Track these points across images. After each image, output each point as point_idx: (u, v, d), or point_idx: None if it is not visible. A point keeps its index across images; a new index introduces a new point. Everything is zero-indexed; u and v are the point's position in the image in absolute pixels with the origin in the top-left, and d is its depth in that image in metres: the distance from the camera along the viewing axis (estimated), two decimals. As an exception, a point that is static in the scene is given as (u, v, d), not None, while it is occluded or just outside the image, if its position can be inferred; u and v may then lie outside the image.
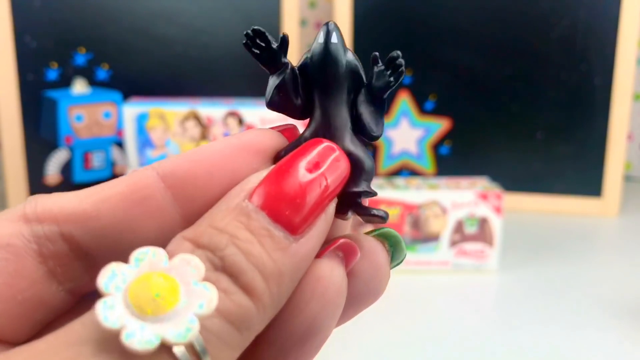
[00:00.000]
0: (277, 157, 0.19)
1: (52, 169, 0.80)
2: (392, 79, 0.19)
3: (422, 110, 0.91)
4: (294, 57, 0.85)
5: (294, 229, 0.17)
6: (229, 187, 0.18)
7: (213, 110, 0.66)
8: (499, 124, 0.90)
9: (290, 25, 0.86)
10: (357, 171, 0.19)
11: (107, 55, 0.81)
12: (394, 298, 0.62)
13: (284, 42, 0.20)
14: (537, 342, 0.53)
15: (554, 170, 0.89)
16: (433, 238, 0.66)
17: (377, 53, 0.20)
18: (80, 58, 0.80)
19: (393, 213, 0.65)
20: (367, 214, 0.20)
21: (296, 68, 0.20)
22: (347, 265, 0.19)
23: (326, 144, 0.18)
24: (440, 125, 0.91)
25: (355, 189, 0.19)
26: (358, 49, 0.90)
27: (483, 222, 0.65)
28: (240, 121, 0.66)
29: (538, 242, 0.77)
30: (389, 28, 0.90)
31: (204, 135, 0.66)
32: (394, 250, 0.20)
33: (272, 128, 0.20)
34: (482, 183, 0.68)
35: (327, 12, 1.05)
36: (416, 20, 0.89)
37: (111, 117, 0.82)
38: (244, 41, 0.20)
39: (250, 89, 0.85)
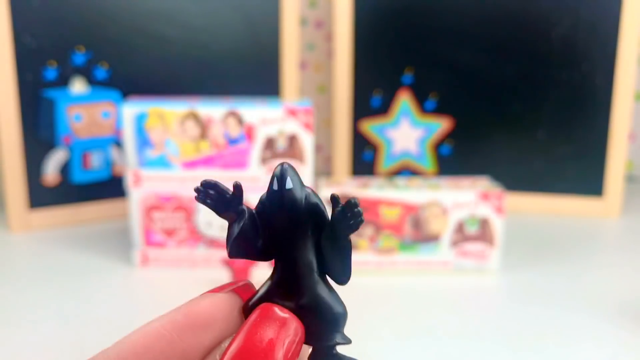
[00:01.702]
0: (245, 310, 0.19)
1: (51, 168, 0.80)
2: (352, 223, 0.18)
3: (423, 110, 0.90)
4: (292, 57, 0.84)
5: None
6: None
7: (212, 109, 0.66)
8: (500, 124, 0.89)
9: (290, 25, 0.86)
10: (327, 322, 0.19)
11: (106, 54, 0.81)
12: (395, 298, 0.61)
13: (237, 190, 0.19)
14: (537, 342, 0.53)
15: (555, 170, 0.89)
16: (434, 238, 0.66)
17: (335, 194, 0.19)
18: (79, 57, 0.79)
19: (393, 213, 0.65)
20: None
21: (255, 212, 0.19)
22: None
23: (275, 310, 0.18)
24: (440, 125, 0.90)
25: (327, 343, 0.19)
26: (359, 48, 0.89)
27: (484, 223, 0.65)
28: (240, 121, 0.66)
29: (539, 243, 0.77)
30: (389, 27, 0.89)
31: (203, 135, 0.66)
32: None
33: (223, 288, 0.19)
34: (483, 183, 0.68)
35: (327, 11, 1.04)
36: (417, 20, 0.89)
37: (110, 117, 0.82)
38: (196, 195, 0.19)
39: (250, 89, 0.84)
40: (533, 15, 0.86)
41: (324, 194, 0.65)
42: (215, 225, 0.67)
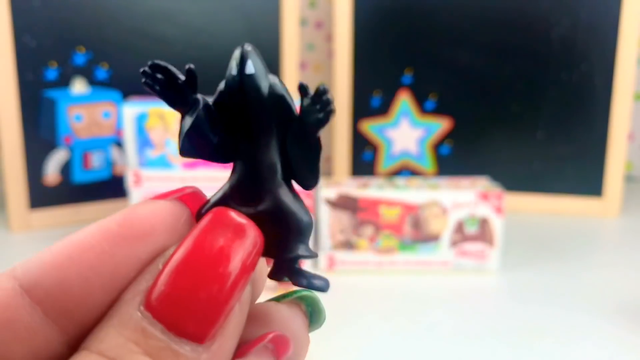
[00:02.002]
0: (198, 217, 0.16)
1: (52, 169, 0.80)
2: (321, 115, 0.16)
3: (423, 110, 0.91)
4: (292, 57, 0.84)
5: (201, 336, 0.14)
6: (113, 290, 0.14)
7: (213, 110, 0.66)
8: (500, 124, 0.90)
9: (290, 25, 0.86)
10: (291, 231, 0.16)
11: (106, 54, 0.81)
12: (395, 299, 0.62)
13: (191, 75, 0.16)
14: (537, 342, 0.53)
15: (554, 170, 0.89)
16: (433, 238, 0.66)
17: (304, 83, 0.16)
18: (80, 57, 0.79)
19: (393, 213, 0.65)
20: (304, 284, 0.17)
21: (211, 103, 0.17)
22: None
23: (229, 214, 0.15)
24: (440, 125, 0.91)
25: (289, 254, 0.16)
26: (359, 48, 0.89)
27: (483, 222, 0.65)
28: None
29: (539, 243, 0.77)
30: (389, 27, 0.89)
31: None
32: (312, 311, 0.18)
33: (167, 195, 0.16)
34: (482, 183, 0.68)
35: (327, 12, 1.04)
36: (417, 19, 0.89)
37: (110, 117, 0.82)
38: (143, 80, 0.16)
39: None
40: (533, 16, 0.86)
41: (324, 194, 0.65)
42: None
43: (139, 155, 0.66)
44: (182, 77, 0.16)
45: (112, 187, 0.84)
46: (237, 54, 0.16)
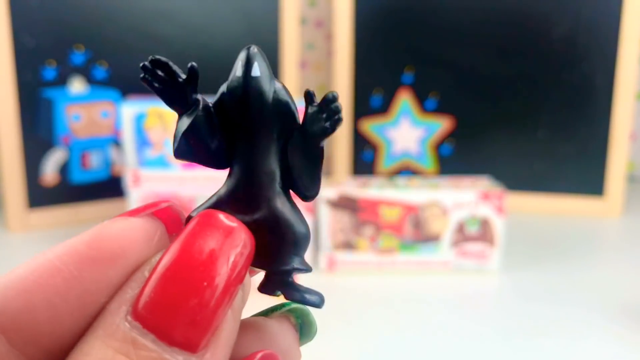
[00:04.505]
0: (188, 221, 0.15)
1: (50, 168, 0.80)
2: (328, 124, 0.15)
3: (423, 110, 0.90)
4: (292, 57, 0.83)
5: (194, 345, 0.13)
6: (82, 316, 0.13)
7: (212, 109, 0.65)
8: (501, 123, 0.89)
9: (289, 24, 0.85)
10: (287, 243, 0.16)
11: (105, 53, 0.80)
12: (395, 299, 0.61)
13: (193, 73, 0.16)
14: (538, 343, 0.52)
15: (556, 170, 0.88)
16: (434, 238, 0.65)
17: (311, 90, 0.16)
18: (78, 57, 0.79)
19: (394, 213, 0.65)
20: (297, 299, 0.16)
21: (211, 105, 0.16)
22: None
23: (219, 217, 0.14)
24: (441, 125, 0.90)
25: (283, 267, 0.16)
26: (359, 47, 0.89)
27: (484, 223, 0.65)
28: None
29: (540, 243, 0.77)
30: (390, 26, 0.89)
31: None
32: (302, 324, 0.17)
33: (139, 211, 0.15)
34: (483, 183, 0.67)
35: (327, 11, 1.04)
36: (417, 19, 0.88)
37: (109, 117, 0.82)
38: (142, 75, 0.16)
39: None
40: (534, 15, 0.86)
41: (324, 194, 0.64)
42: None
43: (137, 155, 0.65)
44: (183, 75, 0.16)
45: (110, 187, 0.83)
46: (242, 55, 0.16)
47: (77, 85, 0.80)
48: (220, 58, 0.86)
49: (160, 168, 0.66)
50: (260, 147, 0.16)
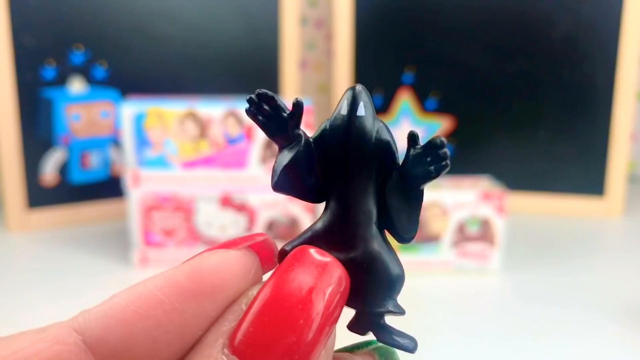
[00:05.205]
0: (282, 255, 0.15)
1: (49, 168, 0.80)
2: (432, 168, 0.15)
3: (424, 109, 0.90)
4: (292, 57, 0.83)
5: None
6: (179, 349, 0.13)
7: (212, 109, 0.65)
8: (502, 123, 0.89)
9: (290, 24, 0.85)
10: (381, 284, 0.15)
11: (105, 53, 0.80)
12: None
13: (298, 108, 0.16)
14: (539, 343, 0.52)
15: (556, 170, 0.88)
16: (434, 239, 0.65)
17: (415, 132, 0.16)
18: (78, 56, 0.79)
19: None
20: (389, 342, 0.16)
21: (312, 140, 0.16)
22: None
23: (311, 252, 0.14)
24: (441, 125, 0.90)
25: (377, 309, 0.16)
26: (359, 47, 0.89)
27: (485, 223, 0.65)
28: (240, 121, 0.65)
29: (540, 243, 0.77)
30: (389, 26, 0.89)
31: (202, 135, 0.66)
32: None
33: (236, 243, 0.15)
34: (484, 183, 0.67)
35: (327, 11, 1.04)
36: (418, 18, 0.88)
37: (109, 117, 0.82)
38: (247, 107, 0.16)
39: (250, 88, 0.84)
40: (534, 15, 0.85)
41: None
42: (215, 225, 0.67)
43: (137, 155, 0.65)
44: (288, 110, 0.16)
45: (110, 187, 0.83)
46: (348, 94, 0.16)
47: (76, 85, 0.79)
48: (220, 58, 0.85)
49: (160, 168, 0.66)
50: (359, 186, 0.16)
